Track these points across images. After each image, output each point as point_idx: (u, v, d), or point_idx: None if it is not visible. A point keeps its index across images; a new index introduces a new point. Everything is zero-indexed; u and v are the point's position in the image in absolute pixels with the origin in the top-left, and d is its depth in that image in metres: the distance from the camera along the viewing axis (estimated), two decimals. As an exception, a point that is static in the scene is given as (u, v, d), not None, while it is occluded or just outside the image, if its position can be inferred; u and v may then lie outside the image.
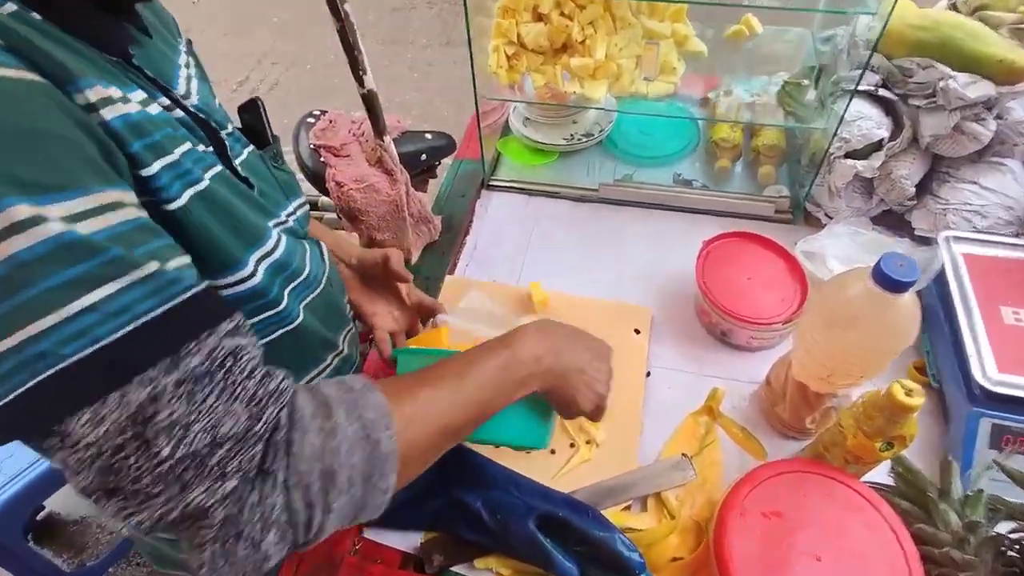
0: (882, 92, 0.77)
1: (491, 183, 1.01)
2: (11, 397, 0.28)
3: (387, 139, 0.75)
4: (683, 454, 0.66)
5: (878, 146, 0.77)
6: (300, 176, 0.87)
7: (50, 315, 0.29)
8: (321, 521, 0.35)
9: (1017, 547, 0.53)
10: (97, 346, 0.29)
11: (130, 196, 0.34)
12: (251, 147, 0.54)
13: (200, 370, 0.32)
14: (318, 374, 0.64)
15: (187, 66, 0.50)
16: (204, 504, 0.31)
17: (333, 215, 0.92)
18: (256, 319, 0.51)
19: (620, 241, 0.89)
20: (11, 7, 0.32)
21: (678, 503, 0.63)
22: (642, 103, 0.91)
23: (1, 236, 0.28)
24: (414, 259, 0.86)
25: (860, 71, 0.72)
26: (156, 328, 0.31)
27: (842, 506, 0.55)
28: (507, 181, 1.01)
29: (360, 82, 0.68)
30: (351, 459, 0.36)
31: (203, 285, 0.34)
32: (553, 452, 0.68)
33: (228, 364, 0.33)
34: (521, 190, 0.99)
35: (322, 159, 0.76)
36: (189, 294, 0.33)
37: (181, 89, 0.47)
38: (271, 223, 0.52)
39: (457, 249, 0.92)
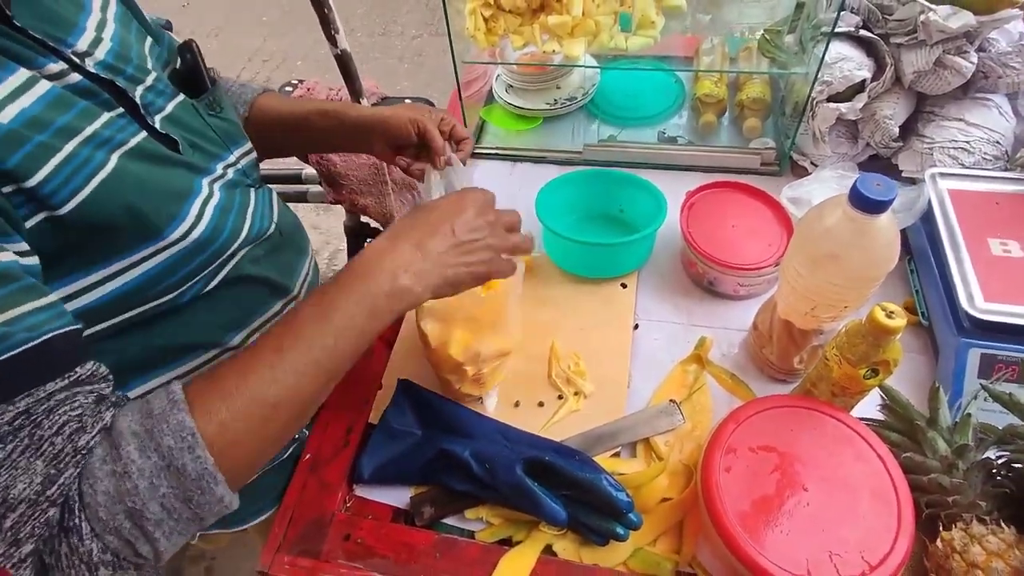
0: (863, 33, 0.76)
1: (476, 151, 1.00)
2: None
3: (364, 101, 0.75)
4: (671, 400, 0.66)
5: (861, 87, 0.76)
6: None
7: None
8: (150, 549, 0.35)
9: (1006, 470, 0.52)
10: None
11: None
12: (180, 98, 0.49)
13: (6, 428, 0.31)
14: (264, 323, 0.61)
15: (102, 8, 0.44)
16: (5, 565, 0.31)
17: (318, 187, 0.92)
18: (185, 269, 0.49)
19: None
20: None
21: (667, 448, 0.63)
22: (624, 61, 0.89)
23: None
24: (398, 225, 0.85)
25: (837, 12, 0.71)
26: None
27: (830, 439, 0.55)
28: (492, 148, 1.00)
29: (333, 42, 0.67)
30: (157, 492, 0.34)
31: (39, 340, 0.32)
32: (541, 405, 0.68)
33: (40, 419, 0.32)
34: (506, 157, 0.98)
35: (301, 126, 0.76)
36: (12, 353, 0.31)
37: (83, 44, 0.41)
38: (204, 180, 0.49)
39: (443, 216, 0.92)
